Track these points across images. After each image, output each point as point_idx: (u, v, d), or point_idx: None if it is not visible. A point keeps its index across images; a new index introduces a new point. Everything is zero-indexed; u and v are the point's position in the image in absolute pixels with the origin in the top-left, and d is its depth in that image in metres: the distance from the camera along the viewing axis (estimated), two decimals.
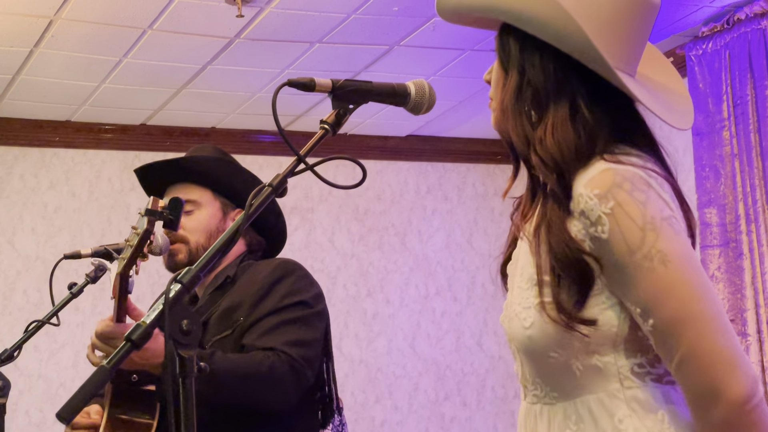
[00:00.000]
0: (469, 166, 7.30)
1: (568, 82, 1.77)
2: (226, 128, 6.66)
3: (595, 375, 1.72)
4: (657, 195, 1.69)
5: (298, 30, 5.15)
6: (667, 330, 1.63)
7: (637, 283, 1.65)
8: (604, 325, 1.70)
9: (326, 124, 1.85)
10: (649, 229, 1.64)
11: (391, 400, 6.87)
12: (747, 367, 1.62)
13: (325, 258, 6.81)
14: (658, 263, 1.63)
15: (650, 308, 1.64)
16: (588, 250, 1.69)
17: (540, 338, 1.74)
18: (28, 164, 6.34)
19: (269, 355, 2.69)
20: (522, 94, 1.79)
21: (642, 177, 1.69)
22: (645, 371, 1.71)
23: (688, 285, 1.64)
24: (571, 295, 1.70)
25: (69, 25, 4.92)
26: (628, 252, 1.65)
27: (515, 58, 1.81)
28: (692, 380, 1.63)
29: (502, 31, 1.84)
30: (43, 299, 6.09)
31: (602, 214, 1.66)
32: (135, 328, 1.62)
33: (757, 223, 5.05)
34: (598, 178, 1.69)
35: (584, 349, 1.71)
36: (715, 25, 5.30)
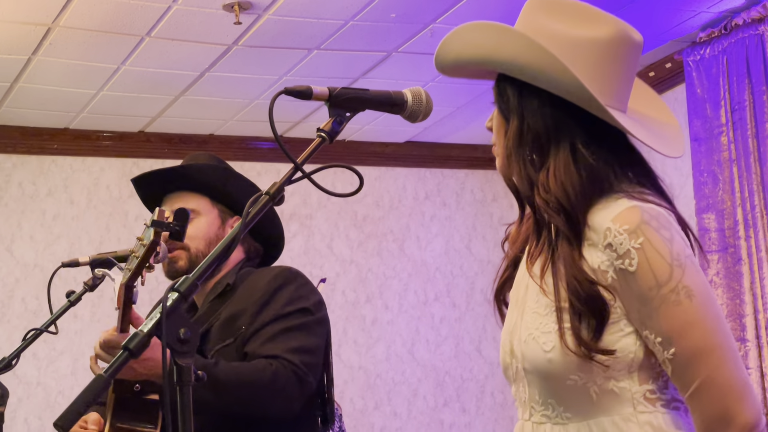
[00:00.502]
0: (467, 171, 7.30)
1: (565, 125, 1.86)
2: (225, 135, 6.67)
3: (610, 399, 1.82)
4: (677, 233, 1.81)
5: (296, 37, 5.15)
6: (687, 359, 1.76)
7: (661, 314, 1.77)
8: (622, 351, 1.81)
9: (323, 132, 1.85)
10: (676, 266, 1.77)
11: (390, 406, 6.86)
12: (755, 396, 1.77)
13: (324, 264, 6.81)
14: (685, 297, 1.76)
15: (673, 338, 1.77)
16: (607, 282, 1.80)
17: (561, 362, 1.82)
18: (27, 172, 6.35)
19: (272, 363, 2.69)
20: (523, 140, 1.89)
21: (665, 216, 1.81)
22: (656, 397, 1.82)
23: (710, 319, 1.77)
24: (589, 328, 1.80)
25: (67, 32, 4.93)
26: (656, 285, 1.77)
27: (514, 105, 1.90)
28: (707, 406, 1.76)
29: (499, 80, 1.93)
30: (42, 307, 6.08)
31: (632, 248, 1.78)
32: (132, 337, 1.62)
33: (755, 229, 5.06)
34: (626, 214, 1.80)
35: (602, 374, 1.81)
36: (712, 31, 5.31)
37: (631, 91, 1.96)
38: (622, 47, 1.90)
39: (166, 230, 2.14)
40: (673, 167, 5.87)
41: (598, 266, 1.80)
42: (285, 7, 4.78)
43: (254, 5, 4.76)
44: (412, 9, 4.89)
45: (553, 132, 1.86)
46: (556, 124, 1.86)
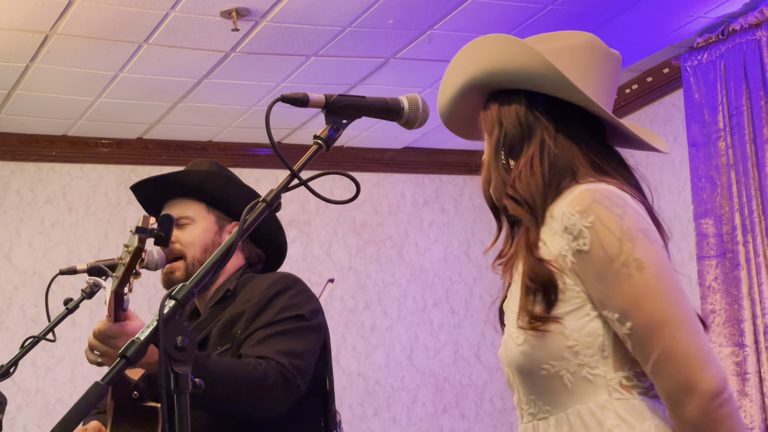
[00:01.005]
0: (465, 177, 7.31)
1: (537, 120, 1.93)
2: (223, 142, 6.67)
3: (585, 387, 1.82)
4: (633, 210, 1.82)
5: (294, 43, 5.16)
6: (643, 332, 1.76)
7: (615, 289, 1.78)
8: (591, 335, 1.81)
9: (320, 139, 1.86)
10: (626, 239, 1.78)
11: (389, 412, 6.86)
12: (717, 365, 1.75)
13: (323, 271, 6.81)
14: (635, 270, 1.77)
15: (627, 312, 1.77)
16: (568, 266, 1.82)
17: (532, 351, 1.84)
18: (25, 179, 6.35)
19: (261, 363, 2.70)
20: (501, 146, 1.95)
21: (618, 194, 1.83)
22: (633, 384, 1.82)
23: (663, 290, 1.77)
24: (540, 304, 1.83)
25: (65, 40, 4.93)
26: (608, 260, 1.78)
27: (494, 117, 1.98)
28: (667, 378, 1.75)
29: (483, 108, 2.02)
30: (40, 314, 6.09)
31: (583, 227, 1.80)
32: (129, 345, 1.62)
33: (753, 234, 5.06)
34: (579, 197, 1.83)
35: (574, 360, 1.82)
36: (710, 36, 5.32)
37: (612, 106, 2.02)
38: (599, 53, 1.97)
39: (149, 236, 2.15)
40: (671, 173, 5.87)
41: (558, 252, 1.83)
42: (283, 13, 4.79)
43: (252, 12, 4.76)
44: (410, 15, 4.90)
45: (526, 131, 1.93)
46: (528, 121, 1.93)
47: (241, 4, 4.68)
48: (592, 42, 1.98)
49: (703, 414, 1.73)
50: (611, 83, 2.00)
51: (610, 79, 2.00)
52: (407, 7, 4.81)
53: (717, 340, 5.18)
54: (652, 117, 6.04)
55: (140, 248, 2.23)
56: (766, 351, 5.00)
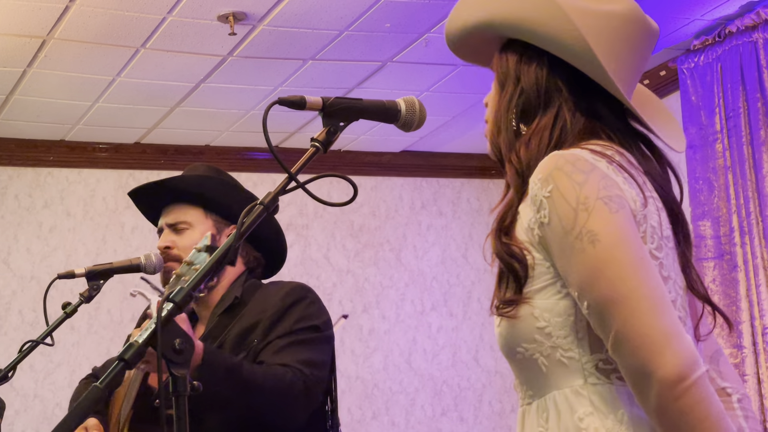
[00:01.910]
0: (463, 181, 7.31)
1: (557, 90, 1.81)
2: (220, 146, 6.67)
3: (560, 371, 1.70)
4: (601, 175, 1.67)
5: (291, 47, 5.16)
6: (599, 311, 1.61)
7: (572, 265, 1.64)
8: (562, 314, 1.69)
9: (317, 141, 1.85)
10: (581, 209, 1.63)
11: (388, 416, 6.86)
12: (680, 346, 1.57)
13: (321, 274, 6.81)
14: (588, 243, 1.62)
15: (584, 290, 1.63)
16: (536, 240, 1.70)
17: (507, 334, 1.73)
18: (23, 184, 6.35)
19: (287, 371, 2.75)
20: (514, 105, 1.83)
21: (586, 159, 1.68)
22: (611, 368, 1.67)
23: (618, 264, 1.61)
24: (511, 285, 1.72)
25: (62, 44, 4.93)
26: (564, 234, 1.64)
27: (512, 70, 1.85)
28: (625, 362, 1.60)
29: (502, 49, 1.88)
30: (39, 319, 6.08)
31: (543, 198, 1.67)
32: (128, 348, 1.62)
33: (751, 235, 5.06)
34: (544, 163, 1.70)
35: (546, 342, 1.70)
36: (706, 38, 5.32)
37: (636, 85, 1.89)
38: (636, 25, 1.82)
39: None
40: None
41: (527, 225, 1.72)
42: (280, 17, 4.79)
43: (249, 16, 4.76)
44: (407, 19, 4.90)
45: (543, 96, 1.81)
46: (548, 88, 1.81)
47: (239, 9, 4.69)
48: (632, 12, 1.83)
49: (663, 402, 1.56)
50: (642, 58, 1.86)
51: (643, 54, 1.86)
52: (404, 10, 4.81)
53: None
54: None
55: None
56: (764, 353, 5.00)
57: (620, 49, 1.80)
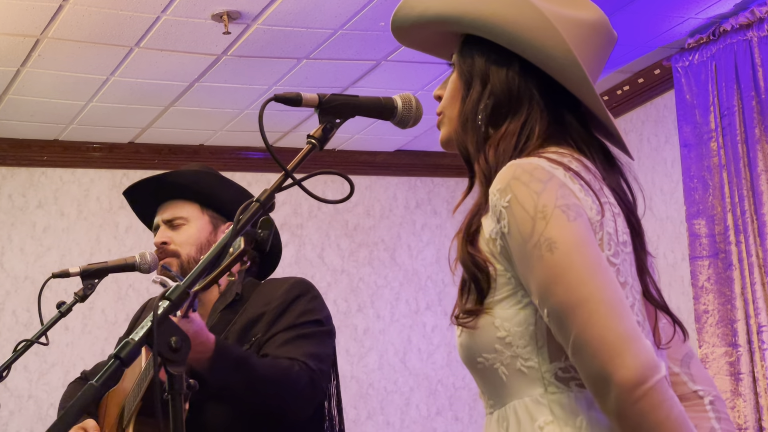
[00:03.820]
0: (458, 180, 7.30)
1: (528, 96, 1.78)
2: (215, 145, 6.66)
3: (520, 380, 1.70)
4: (559, 184, 1.67)
5: (286, 46, 5.15)
6: (558, 317, 1.61)
7: (531, 273, 1.64)
8: (521, 324, 1.69)
9: (313, 138, 1.85)
10: (539, 218, 1.63)
11: (383, 415, 6.85)
12: (638, 350, 1.57)
13: (315, 274, 6.80)
14: (546, 250, 1.62)
15: (543, 297, 1.63)
16: (498, 250, 1.69)
17: (466, 344, 1.74)
18: (17, 184, 6.33)
19: (293, 364, 2.78)
20: (483, 107, 1.80)
21: (543, 168, 1.68)
22: (570, 376, 1.68)
23: (575, 270, 1.61)
24: (472, 295, 1.72)
25: (56, 44, 4.92)
26: (522, 242, 1.64)
27: (480, 70, 1.81)
28: (584, 367, 1.60)
29: (465, 43, 1.85)
30: (33, 319, 6.07)
31: (502, 208, 1.67)
32: (123, 346, 1.62)
33: (746, 234, 5.06)
34: (502, 173, 1.70)
35: (507, 352, 1.70)
36: (701, 37, 5.32)
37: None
38: (602, 35, 1.83)
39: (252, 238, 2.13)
40: (663, 174, 5.88)
41: (489, 235, 1.71)
42: (274, 16, 4.79)
43: (243, 15, 4.76)
44: None
45: (514, 102, 1.78)
46: (519, 92, 1.77)
47: (233, 7, 4.68)
48: (601, 21, 1.82)
49: (622, 406, 1.56)
50: (602, 67, 1.87)
51: (603, 62, 1.86)
52: None
53: (710, 341, 5.18)
54: (643, 118, 6.05)
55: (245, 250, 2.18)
56: (759, 351, 5.00)
57: (590, 57, 1.80)
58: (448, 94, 1.87)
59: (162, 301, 1.66)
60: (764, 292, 4.99)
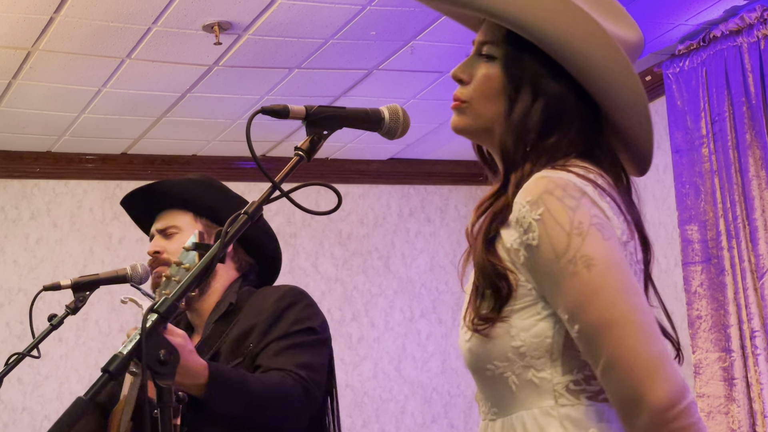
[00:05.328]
0: (451, 188, 7.31)
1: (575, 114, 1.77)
2: (207, 155, 6.66)
3: (530, 391, 1.70)
4: (591, 202, 1.67)
5: (277, 56, 5.16)
6: (590, 335, 1.62)
7: (563, 288, 1.63)
8: (538, 336, 1.69)
9: (300, 150, 1.86)
10: (575, 234, 1.63)
11: (378, 424, 6.85)
12: (671, 373, 1.58)
13: (309, 283, 6.80)
14: (582, 267, 1.62)
15: (575, 313, 1.62)
16: (520, 261, 1.69)
17: (477, 350, 1.73)
18: (9, 196, 6.33)
19: (285, 376, 2.75)
20: (535, 119, 1.76)
21: (575, 184, 1.68)
22: (581, 388, 1.69)
23: (611, 289, 1.62)
24: (489, 305, 1.71)
25: (47, 56, 4.93)
26: (555, 257, 1.64)
27: (531, 78, 1.77)
28: (615, 387, 1.60)
29: (511, 43, 1.79)
30: (27, 331, 6.05)
31: (533, 220, 1.66)
32: (112, 360, 1.62)
33: (738, 239, 5.07)
34: (532, 185, 1.69)
35: (520, 362, 1.70)
36: (691, 43, 5.34)
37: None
38: (636, 56, 1.82)
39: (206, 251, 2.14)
40: (654, 180, 5.88)
41: (510, 245, 1.70)
42: (265, 26, 4.79)
43: (234, 25, 4.76)
44: (392, 26, 4.91)
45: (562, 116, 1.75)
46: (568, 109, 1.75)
47: (224, 18, 4.69)
48: (640, 45, 1.81)
49: (653, 428, 1.57)
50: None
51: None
52: (389, 18, 4.81)
53: (704, 346, 5.19)
54: None
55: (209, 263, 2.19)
56: (752, 356, 5.01)
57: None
58: (480, 88, 1.82)
59: (150, 314, 1.67)
60: (757, 297, 5.00)
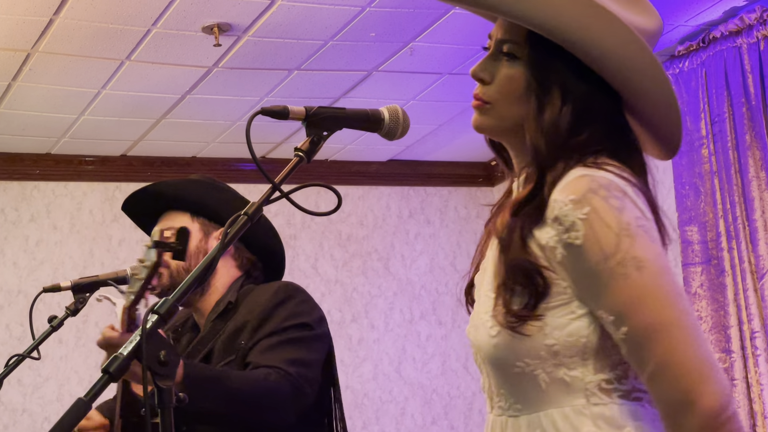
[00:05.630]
0: (450, 189, 7.32)
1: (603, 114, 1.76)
2: (207, 157, 6.66)
3: (561, 389, 1.69)
4: (632, 203, 1.67)
5: (276, 58, 5.16)
6: (640, 338, 1.61)
7: (611, 289, 1.62)
8: (573, 335, 1.67)
9: (300, 151, 1.86)
10: (624, 235, 1.62)
11: (378, 425, 6.85)
12: (720, 379, 1.59)
13: (309, 285, 6.80)
14: (633, 269, 1.61)
15: (624, 315, 1.61)
16: (557, 259, 1.67)
17: (506, 346, 1.70)
18: (9, 198, 6.33)
19: (270, 372, 2.72)
20: (566, 120, 1.74)
21: (618, 184, 1.67)
22: (612, 387, 1.68)
23: (663, 292, 1.61)
24: (522, 301, 1.68)
25: (47, 58, 4.93)
26: (603, 258, 1.62)
27: (559, 79, 1.75)
28: (665, 391, 1.60)
29: (534, 44, 1.76)
30: (27, 333, 6.06)
31: (577, 219, 1.64)
32: (112, 360, 1.62)
33: (738, 240, 5.07)
34: (573, 183, 1.67)
35: (551, 360, 1.68)
36: (690, 44, 5.34)
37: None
38: (656, 41, 1.80)
39: (168, 250, 2.16)
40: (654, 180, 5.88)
41: (546, 243, 1.68)
42: (264, 28, 4.79)
43: (234, 27, 4.76)
44: (392, 28, 4.91)
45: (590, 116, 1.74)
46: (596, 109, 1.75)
47: (223, 20, 4.69)
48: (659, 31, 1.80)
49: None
50: None
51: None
52: (389, 19, 4.81)
53: None
54: None
55: (159, 263, 2.24)
56: (752, 357, 5.01)
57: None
58: (504, 90, 1.79)
59: (150, 314, 1.67)
60: (757, 298, 5.00)
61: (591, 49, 1.71)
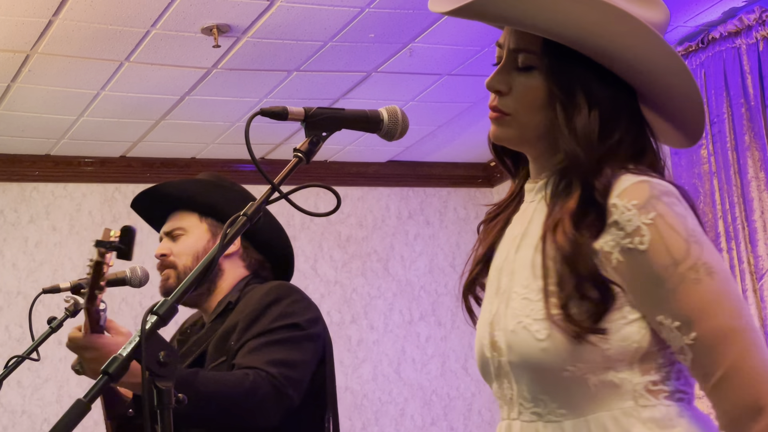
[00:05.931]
0: (450, 190, 7.32)
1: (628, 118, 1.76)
2: (206, 158, 6.66)
3: (609, 392, 1.67)
4: (688, 211, 1.68)
5: (275, 59, 5.16)
6: (710, 344, 1.61)
7: (679, 295, 1.62)
8: (626, 340, 1.66)
9: (299, 152, 1.86)
10: (693, 241, 1.62)
11: (377, 426, 6.85)
12: None
13: (308, 286, 6.80)
14: (705, 275, 1.61)
15: (693, 321, 1.61)
16: (612, 264, 1.65)
17: (556, 351, 1.67)
18: (8, 199, 6.33)
19: (249, 374, 2.67)
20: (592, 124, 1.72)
21: (674, 192, 1.68)
22: (659, 389, 1.68)
23: (733, 298, 1.63)
24: (584, 309, 1.66)
25: (46, 59, 4.93)
26: (672, 263, 1.62)
27: (583, 86, 1.74)
28: (735, 396, 1.60)
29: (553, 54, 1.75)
30: (26, 334, 6.06)
31: (642, 224, 1.63)
32: (112, 361, 1.62)
33: (737, 241, 5.07)
34: (634, 189, 1.66)
35: (602, 363, 1.66)
36: (689, 45, 5.34)
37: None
38: (663, 32, 1.79)
39: (109, 249, 2.15)
40: None
41: (600, 247, 1.66)
42: (264, 29, 4.79)
43: (233, 28, 4.76)
44: (391, 29, 4.91)
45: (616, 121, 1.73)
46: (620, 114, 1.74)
47: (222, 21, 4.69)
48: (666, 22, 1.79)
49: None
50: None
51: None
52: (388, 20, 4.82)
53: None
54: None
55: (99, 262, 2.23)
56: None
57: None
58: (524, 100, 1.77)
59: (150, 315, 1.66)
60: (756, 299, 5.00)
61: (622, 56, 1.70)
